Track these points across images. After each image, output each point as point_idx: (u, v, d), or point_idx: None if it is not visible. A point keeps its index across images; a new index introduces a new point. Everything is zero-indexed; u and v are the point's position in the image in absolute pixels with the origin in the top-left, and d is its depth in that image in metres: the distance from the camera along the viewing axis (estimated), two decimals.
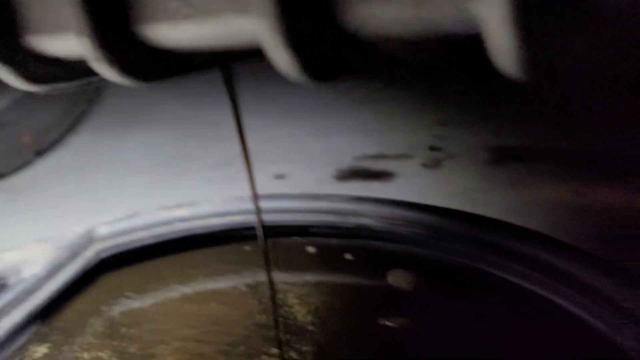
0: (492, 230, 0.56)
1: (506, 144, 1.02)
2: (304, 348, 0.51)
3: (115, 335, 0.52)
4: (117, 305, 0.56)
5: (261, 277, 0.60)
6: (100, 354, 0.50)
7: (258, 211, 0.44)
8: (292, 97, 1.28)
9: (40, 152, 1.18)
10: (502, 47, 0.15)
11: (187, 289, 0.59)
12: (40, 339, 0.52)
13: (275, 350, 0.51)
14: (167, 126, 1.25)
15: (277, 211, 0.65)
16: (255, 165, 1.11)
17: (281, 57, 0.18)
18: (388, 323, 0.52)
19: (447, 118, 1.15)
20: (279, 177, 0.99)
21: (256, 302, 0.57)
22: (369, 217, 0.62)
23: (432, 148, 1.04)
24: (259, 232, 0.45)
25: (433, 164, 0.98)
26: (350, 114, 1.22)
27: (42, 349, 0.51)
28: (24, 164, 1.14)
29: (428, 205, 0.60)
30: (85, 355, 0.50)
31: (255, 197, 0.44)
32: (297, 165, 1.02)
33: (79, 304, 0.56)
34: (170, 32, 0.23)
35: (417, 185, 0.92)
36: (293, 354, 0.51)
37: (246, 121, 1.31)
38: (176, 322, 0.55)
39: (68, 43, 0.26)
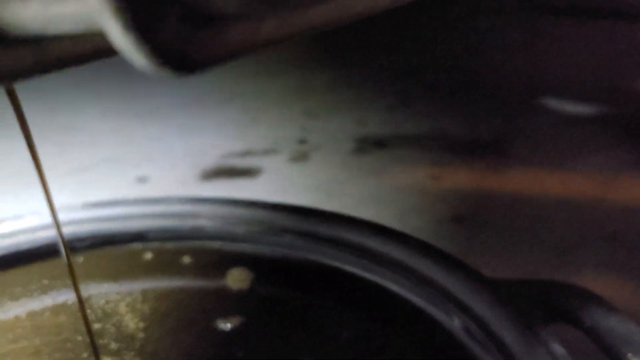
0: (323, 222, 0.56)
1: (370, 133, 1.04)
2: (132, 356, 0.49)
3: None
4: None
5: (94, 288, 0.57)
6: None
7: (58, 225, 0.41)
8: (156, 97, 1.24)
9: None
10: (117, 37, 0.14)
11: (18, 307, 0.55)
12: None
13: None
14: (20, 133, 1.17)
15: (112, 219, 0.62)
16: (117, 169, 1.06)
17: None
18: (222, 324, 0.51)
19: (315, 110, 1.16)
20: (141, 180, 0.96)
21: (91, 312, 0.54)
22: (205, 217, 0.60)
23: (300, 141, 1.04)
24: (62, 248, 0.42)
25: (299, 158, 0.98)
26: (217, 111, 1.20)
27: None
28: None
29: (261, 202, 0.59)
30: None
31: (53, 210, 0.41)
32: (160, 167, 0.99)
33: None
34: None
35: (282, 180, 0.92)
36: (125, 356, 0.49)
37: (109, 124, 1.26)
38: (9, 336, 0.51)
39: None
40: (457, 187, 0.86)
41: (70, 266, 0.44)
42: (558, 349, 0.39)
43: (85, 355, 0.49)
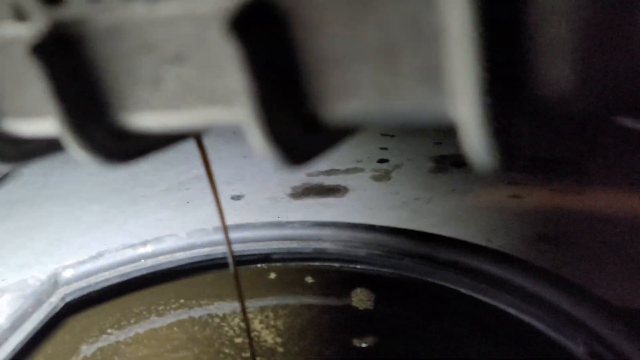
0: (440, 246, 0.60)
1: (448, 153, 1.08)
2: None
3: None
4: (94, 343, 0.57)
5: (227, 307, 0.63)
6: None
7: (229, 243, 0.47)
8: None
9: None
10: (474, 144, 0.18)
11: (165, 320, 0.61)
12: None
13: None
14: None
15: (240, 241, 0.67)
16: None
17: (260, 147, 0.20)
18: (357, 342, 0.56)
19: (392, 130, 1.20)
20: (236, 198, 1.01)
21: (229, 329, 0.60)
22: (327, 241, 0.65)
23: (380, 160, 1.08)
24: (230, 262, 0.48)
25: (382, 176, 1.02)
26: None
27: None
28: None
29: (380, 227, 0.64)
30: None
31: (226, 231, 0.46)
32: (252, 185, 1.04)
33: (51, 349, 0.57)
34: (143, 120, 0.25)
35: (368, 198, 0.96)
36: None
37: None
38: (168, 347, 0.57)
39: (44, 126, 0.28)
40: (539, 206, 0.90)
41: (237, 282, 0.49)
42: None
43: None
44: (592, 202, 0.92)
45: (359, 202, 0.96)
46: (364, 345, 0.55)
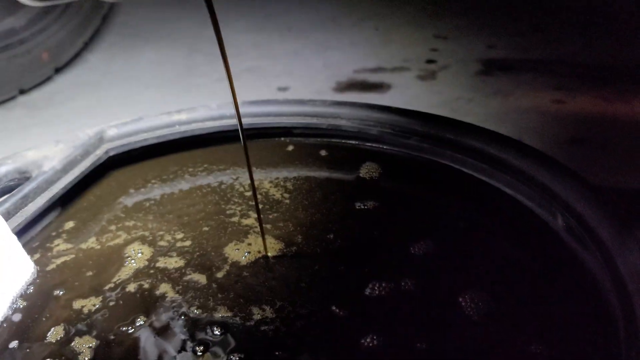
0: (447, 127, 0.63)
1: (497, 56, 1.06)
2: (279, 214, 0.60)
3: (141, 209, 0.63)
4: (140, 189, 0.66)
5: (240, 171, 0.69)
6: (128, 224, 0.60)
7: (239, 115, 0.52)
8: (294, 14, 1.32)
9: (58, 69, 1.26)
10: None
11: (197, 179, 0.69)
12: (67, 218, 0.62)
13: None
14: (177, 43, 1.32)
15: (265, 114, 0.72)
16: (260, 79, 1.18)
17: None
18: (359, 205, 0.60)
19: (446, 32, 1.18)
20: (282, 89, 1.06)
21: (240, 186, 0.66)
22: (345, 118, 0.69)
23: (428, 61, 1.08)
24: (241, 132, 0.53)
25: (427, 76, 1.03)
26: (350, 30, 1.26)
27: (69, 224, 0.61)
28: (43, 79, 1.22)
29: (396, 108, 0.67)
30: (112, 227, 0.60)
31: (236, 103, 0.51)
32: (298, 79, 1.09)
33: (98, 192, 0.66)
34: None
35: (409, 95, 0.98)
36: (270, 215, 0.60)
37: (252, 38, 1.37)
38: (199, 193, 0.65)
39: None
40: (580, 111, 0.87)
41: (246, 151, 0.55)
42: None
43: (240, 208, 0.62)
44: (637, 109, 0.88)
45: (400, 99, 0.98)
46: (364, 207, 0.59)
